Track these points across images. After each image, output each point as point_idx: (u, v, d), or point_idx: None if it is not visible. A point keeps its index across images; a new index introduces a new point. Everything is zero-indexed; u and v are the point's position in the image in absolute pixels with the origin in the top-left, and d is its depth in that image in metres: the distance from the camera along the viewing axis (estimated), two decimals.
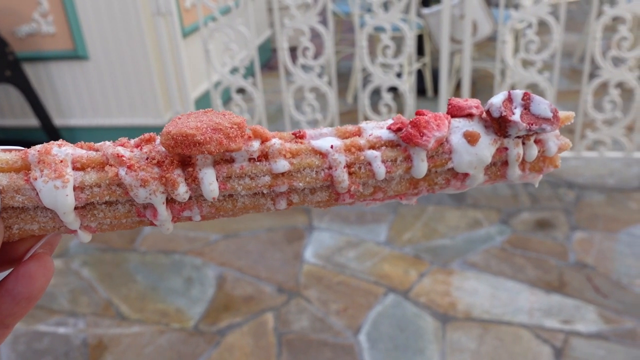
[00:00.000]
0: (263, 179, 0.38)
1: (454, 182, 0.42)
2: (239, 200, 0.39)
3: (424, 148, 0.39)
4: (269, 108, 3.74)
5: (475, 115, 0.41)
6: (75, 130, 3.30)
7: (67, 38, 3.04)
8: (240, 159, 0.38)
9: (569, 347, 1.78)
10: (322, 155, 0.39)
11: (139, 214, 0.38)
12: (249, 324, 1.96)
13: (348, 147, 0.40)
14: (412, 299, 2.02)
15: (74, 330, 1.98)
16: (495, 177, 0.43)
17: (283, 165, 0.38)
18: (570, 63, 4.54)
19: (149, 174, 0.36)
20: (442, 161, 0.41)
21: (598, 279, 2.06)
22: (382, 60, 2.75)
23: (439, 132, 0.39)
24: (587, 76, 2.62)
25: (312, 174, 0.39)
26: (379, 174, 0.40)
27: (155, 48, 3.00)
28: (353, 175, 0.39)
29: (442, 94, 2.83)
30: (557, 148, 0.44)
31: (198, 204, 0.38)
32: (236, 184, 0.38)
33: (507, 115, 0.39)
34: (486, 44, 4.72)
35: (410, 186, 0.42)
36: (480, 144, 0.40)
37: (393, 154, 0.40)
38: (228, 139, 0.36)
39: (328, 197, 0.40)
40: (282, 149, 0.38)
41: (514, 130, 0.40)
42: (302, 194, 0.40)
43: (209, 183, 0.37)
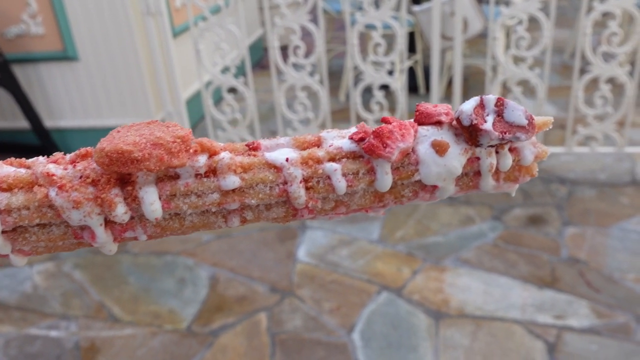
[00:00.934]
0: (211, 197, 0.35)
1: (423, 194, 0.40)
2: (186, 218, 0.36)
3: (387, 160, 0.37)
4: (261, 107, 3.74)
5: (445, 122, 0.39)
6: (66, 131, 3.29)
7: (56, 39, 3.02)
8: (186, 175, 0.35)
9: (561, 342, 1.78)
10: (276, 169, 0.36)
11: (76, 235, 0.35)
12: (242, 324, 1.96)
13: (305, 160, 0.37)
14: (405, 296, 2.02)
15: (66, 333, 1.97)
16: (467, 187, 0.40)
17: (233, 181, 0.35)
18: (561, 59, 4.55)
19: (82, 195, 0.33)
20: (408, 173, 0.38)
21: (590, 274, 2.07)
22: (374, 58, 2.75)
23: (403, 143, 0.36)
24: (578, 72, 2.63)
25: (266, 189, 0.36)
26: (339, 188, 0.37)
27: (145, 48, 2.99)
28: (311, 190, 0.37)
29: (434, 91, 2.83)
30: (533, 156, 0.41)
31: (142, 224, 0.35)
32: (181, 203, 0.35)
33: (479, 124, 0.37)
34: (478, 40, 4.73)
35: (375, 199, 0.39)
36: (450, 155, 0.37)
37: (354, 167, 0.37)
38: (170, 154, 0.33)
39: (285, 213, 0.38)
40: (232, 164, 0.35)
41: (485, 139, 0.37)
42: (256, 210, 0.37)
43: (150, 203, 0.34)
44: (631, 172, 2.77)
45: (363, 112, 2.86)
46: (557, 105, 3.61)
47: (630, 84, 2.58)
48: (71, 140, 3.31)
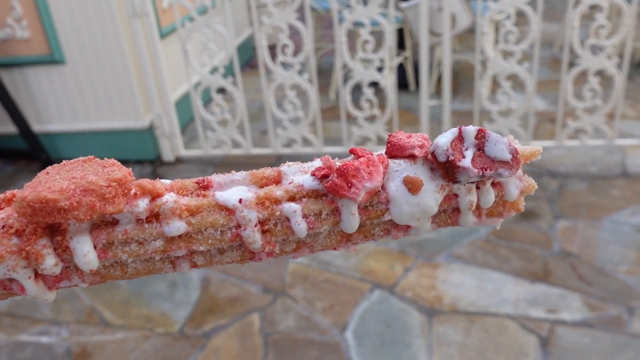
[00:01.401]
0: (154, 244, 0.32)
1: (395, 233, 0.36)
2: (129, 266, 0.33)
3: (352, 201, 0.33)
4: (251, 107, 3.72)
5: (419, 156, 0.35)
6: (55, 136, 3.26)
7: (42, 42, 2.99)
8: (125, 221, 0.32)
9: (554, 337, 1.78)
10: (228, 212, 0.33)
11: (4, 287, 0.32)
12: (235, 325, 1.95)
13: (261, 200, 0.33)
14: (398, 294, 2.02)
15: (57, 339, 1.95)
16: (445, 224, 0.37)
17: (178, 227, 0.32)
18: (551, 53, 4.55)
19: (3, 248, 0.29)
20: (378, 213, 0.34)
21: (582, 267, 2.07)
22: (362, 55, 2.74)
23: (370, 183, 0.33)
24: (567, 65, 2.63)
25: (217, 234, 0.33)
26: (298, 231, 0.33)
27: (132, 50, 2.97)
28: (268, 234, 0.33)
29: (423, 87, 2.82)
30: (519, 191, 0.38)
31: (78, 273, 0.32)
32: (120, 252, 0.32)
33: (455, 160, 0.33)
34: (467, 36, 4.73)
35: (342, 239, 0.36)
36: (424, 193, 0.34)
37: (317, 207, 0.34)
38: (103, 201, 0.30)
39: (241, 257, 0.35)
40: (176, 207, 0.32)
41: (464, 177, 0.33)
42: (207, 255, 0.34)
43: (83, 254, 0.30)
44: (621, 164, 2.77)
45: (353, 109, 2.85)
46: (547, 99, 3.62)
47: (618, 76, 2.58)
48: (60, 145, 3.29)
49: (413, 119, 3.48)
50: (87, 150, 3.26)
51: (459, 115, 3.42)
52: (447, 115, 2.86)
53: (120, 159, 1.57)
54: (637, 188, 2.55)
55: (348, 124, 2.96)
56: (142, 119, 3.13)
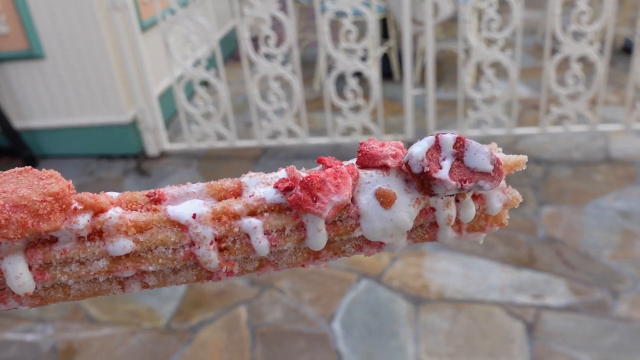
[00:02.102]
0: (97, 264, 0.29)
1: (368, 249, 0.34)
2: (71, 287, 0.30)
3: (318, 216, 0.30)
4: (236, 99, 3.70)
5: (392, 167, 0.32)
6: (37, 132, 3.22)
7: (21, 37, 2.95)
8: (65, 239, 0.29)
9: (540, 322, 1.79)
10: (180, 228, 0.30)
11: None
12: (222, 318, 1.94)
13: (217, 216, 0.30)
14: (385, 283, 2.02)
15: (42, 336, 1.94)
16: (422, 239, 0.35)
17: (123, 245, 0.29)
18: (534, 40, 4.56)
19: None
20: (348, 229, 0.32)
21: (567, 253, 2.09)
22: (346, 45, 2.73)
23: (337, 197, 0.30)
24: (549, 52, 2.64)
25: (168, 253, 0.30)
26: (259, 249, 0.30)
27: (113, 43, 2.93)
28: (225, 252, 0.30)
29: (407, 77, 2.82)
30: (502, 204, 0.36)
31: (14, 296, 0.29)
32: (59, 273, 0.29)
33: (431, 171, 0.31)
34: (451, 24, 4.72)
35: (309, 256, 0.33)
36: (397, 207, 0.31)
37: (279, 222, 0.31)
38: (36, 217, 0.27)
39: (197, 276, 0.32)
40: (122, 224, 0.29)
41: (440, 189, 0.31)
42: (160, 275, 0.31)
43: (15, 276, 0.27)
44: (605, 150, 2.79)
45: (337, 100, 2.84)
46: (530, 86, 3.63)
47: (600, 62, 2.59)
48: (42, 141, 3.24)
49: (398, 109, 3.47)
50: (70, 146, 3.23)
51: (443, 104, 3.42)
52: (431, 104, 2.86)
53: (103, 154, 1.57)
54: (620, 173, 2.57)
55: (333, 115, 2.95)
56: (125, 113, 3.10)
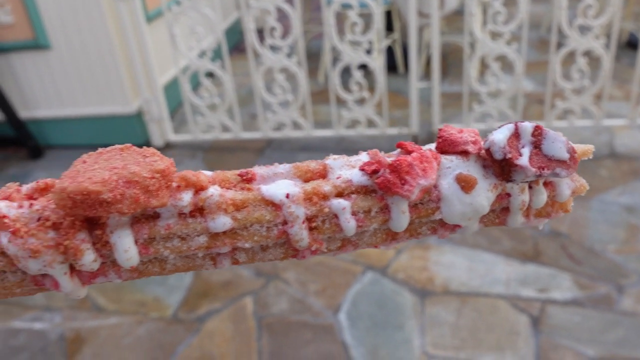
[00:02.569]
0: (197, 240, 0.30)
1: (442, 232, 0.35)
2: (168, 262, 0.31)
3: (405, 199, 0.31)
4: (240, 91, 3.70)
5: (472, 153, 0.33)
6: (42, 122, 3.22)
7: (26, 27, 2.94)
8: (167, 215, 0.30)
9: (545, 315, 1.80)
10: (274, 207, 0.31)
11: (36, 282, 0.30)
12: (228, 309, 1.95)
13: (309, 196, 0.31)
14: (390, 275, 2.03)
15: (50, 325, 1.95)
16: (491, 224, 0.36)
17: (223, 222, 0.30)
18: (538, 34, 4.56)
19: (40, 242, 0.27)
20: (429, 211, 0.33)
21: (572, 247, 2.10)
22: (351, 37, 2.72)
23: (424, 180, 0.31)
24: (555, 46, 2.63)
25: (262, 231, 0.31)
26: (347, 229, 0.31)
27: (119, 34, 2.93)
28: (315, 231, 0.31)
29: (412, 69, 2.82)
30: (570, 191, 0.37)
31: (115, 269, 0.30)
32: (162, 248, 0.30)
33: (513, 158, 0.31)
34: (455, 17, 4.71)
35: (388, 237, 0.34)
36: (477, 191, 0.32)
37: (366, 204, 0.32)
38: (147, 193, 0.28)
39: (284, 254, 0.33)
40: (222, 202, 0.30)
41: (520, 176, 0.32)
42: (250, 252, 0.32)
43: (124, 250, 0.29)
44: (609, 145, 2.80)
45: (342, 92, 2.84)
46: (535, 80, 3.63)
47: (606, 56, 2.59)
48: (48, 131, 3.25)
49: (402, 102, 3.47)
50: (76, 136, 3.23)
51: (448, 97, 3.42)
52: (436, 97, 2.86)
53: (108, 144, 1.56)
54: (624, 168, 2.58)
55: (338, 107, 2.95)
56: (130, 104, 3.10)
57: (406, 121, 3.13)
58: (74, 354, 1.82)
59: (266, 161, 2.99)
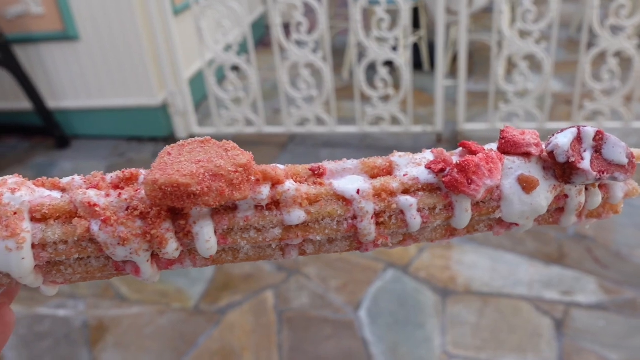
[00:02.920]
0: (272, 232, 0.32)
1: (498, 229, 0.36)
2: (241, 251, 0.33)
3: (471, 198, 0.32)
4: (264, 85, 3.71)
5: (534, 155, 0.34)
6: (69, 112, 3.27)
7: (56, 19, 2.99)
8: (245, 207, 0.31)
9: (569, 319, 1.78)
10: (345, 202, 0.32)
11: (118, 268, 0.31)
12: (249, 302, 1.96)
13: (378, 192, 0.32)
14: (412, 274, 2.02)
15: (74, 312, 1.98)
16: (545, 223, 0.37)
17: (298, 216, 0.31)
18: (567, 33, 4.49)
19: (129, 230, 0.29)
20: (489, 210, 0.34)
21: (598, 250, 2.06)
22: (377, 33, 2.71)
23: (490, 180, 0.32)
24: (585, 46, 2.59)
25: (333, 224, 0.32)
26: (412, 225, 0.32)
27: (146, 27, 2.95)
28: (381, 226, 0.33)
29: (439, 67, 2.80)
30: (623, 194, 0.37)
31: (191, 257, 0.32)
32: (239, 238, 0.31)
33: (576, 162, 0.32)
34: (483, 15, 4.67)
35: (446, 233, 0.35)
36: (537, 192, 0.33)
37: (432, 201, 0.33)
38: (231, 187, 0.29)
39: (349, 247, 0.34)
40: (298, 196, 0.31)
41: (580, 179, 0.33)
42: (318, 244, 0.33)
43: (205, 240, 0.30)
44: (639, 147, 2.74)
45: (367, 89, 2.83)
46: (563, 81, 3.57)
47: (638, 57, 2.54)
48: (74, 121, 3.29)
49: (427, 99, 3.45)
50: (101, 127, 3.27)
51: (473, 96, 3.39)
52: (462, 95, 2.84)
53: (134, 136, 1.60)
54: None
55: (362, 104, 2.94)
56: (155, 96, 3.13)
57: (430, 119, 3.11)
58: (97, 342, 1.85)
59: (289, 156, 3.00)
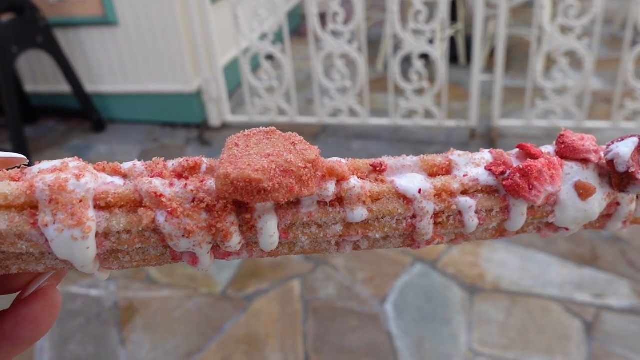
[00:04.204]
0: (334, 229, 0.31)
1: (546, 232, 0.36)
2: (297, 245, 0.32)
3: (531, 203, 0.32)
4: (298, 75, 3.71)
5: (592, 162, 0.34)
6: (106, 96, 3.33)
7: (97, 4, 3.03)
8: (308, 202, 0.31)
9: (600, 322, 1.74)
10: (406, 201, 0.32)
11: (175, 257, 0.32)
12: (276, 290, 1.98)
13: (439, 192, 0.32)
14: (440, 269, 2.01)
15: (106, 292, 2.02)
16: (591, 227, 0.37)
17: (361, 214, 0.31)
18: (610, 30, 4.37)
19: (194, 223, 0.28)
20: (543, 214, 0.34)
21: (632, 253, 2.01)
22: (414, 26, 2.68)
23: (552, 187, 0.32)
24: (629, 43, 2.52)
25: (392, 223, 0.32)
26: (469, 226, 0.32)
27: (184, 14, 2.98)
28: (439, 226, 0.32)
29: (476, 62, 2.75)
30: None
31: (248, 249, 0.32)
32: (300, 234, 0.31)
33: (635, 173, 0.32)
34: (521, 9, 4.57)
35: (496, 234, 0.35)
36: (593, 200, 0.33)
37: (489, 204, 0.33)
38: (300, 183, 0.29)
39: (402, 244, 0.34)
40: (362, 194, 0.31)
41: (636, 189, 0.33)
42: (372, 240, 0.33)
43: (269, 235, 0.30)
44: None
45: (402, 82, 2.81)
46: (604, 78, 3.48)
47: None
48: (111, 105, 3.35)
49: (462, 94, 3.40)
50: (137, 112, 3.32)
51: (509, 91, 3.33)
52: (498, 91, 2.79)
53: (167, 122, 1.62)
54: None
55: (395, 96, 2.92)
56: (190, 83, 3.16)
57: (464, 114, 3.07)
58: (126, 322, 1.89)
59: (321, 146, 3.00)
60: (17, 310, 0.30)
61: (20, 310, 0.30)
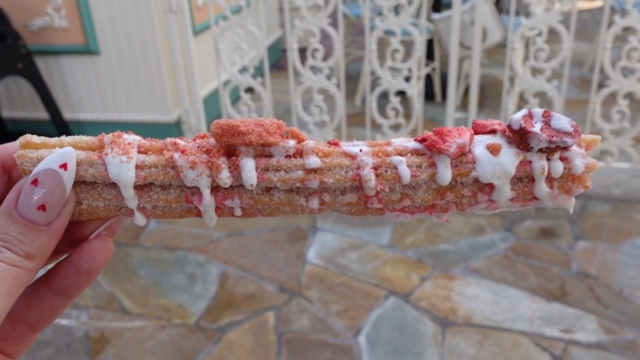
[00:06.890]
0: (296, 173, 0.42)
1: (481, 196, 0.44)
2: (275, 194, 0.43)
3: (446, 153, 0.42)
4: (277, 108, 3.76)
5: (498, 130, 0.44)
6: (84, 124, 3.33)
7: (79, 33, 3.06)
8: (278, 155, 0.42)
9: (568, 356, 1.78)
10: (351, 157, 0.42)
11: (187, 199, 0.42)
12: (250, 321, 1.97)
13: (376, 152, 0.43)
14: (413, 302, 2.03)
15: (77, 322, 2.00)
16: (523, 193, 0.44)
17: (315, 161, 0.42)
18: (580, 72, 4.53)
19: (197, 158, 0.41)
20: (466, 170, 0.42)
21: (600, 289, 2.06)
22: (391, 64, 2.76)
23: (460, 139, 0.42)
24: (596, 86, 2.62)
25: (342, 172, 0.42)
26: (404, 177, 0.42)
27: (166, 45, 3.02)
28: (380, 177, 0.42)
29: (450, 99, 2.83)
30: (584, 167, 0.44)
31: (239, 194, 0.43)
32: (272, 176, 0.42)
33: (527, 127, 0.41)
34: (496, 50, 4.72)
35: (437, 196, 0.44)
36: (503, 154, 0.42)
37: (418, 160, 0.43)
38: (267, 132, 0.41)
39: (357, 200, 0.43)
40: (315, 148, 0.42)
41: (534, 141, 0.41)
42: (333, 194, 0.43)
43: (248, 170, 0.41)
44: None
45: (378, 117, 2.87)
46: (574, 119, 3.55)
47: None
48: (88, 133, 3.33)
49: None
50: None
51: None
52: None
53: None
54: None
55: (372, 131, 2.97)
56: (170, 113, 3.18)
57: None
58: (97, 353, 1.86)
59: None
60: (81, 246, 0.41)
61: (84, 246, 0.41)
